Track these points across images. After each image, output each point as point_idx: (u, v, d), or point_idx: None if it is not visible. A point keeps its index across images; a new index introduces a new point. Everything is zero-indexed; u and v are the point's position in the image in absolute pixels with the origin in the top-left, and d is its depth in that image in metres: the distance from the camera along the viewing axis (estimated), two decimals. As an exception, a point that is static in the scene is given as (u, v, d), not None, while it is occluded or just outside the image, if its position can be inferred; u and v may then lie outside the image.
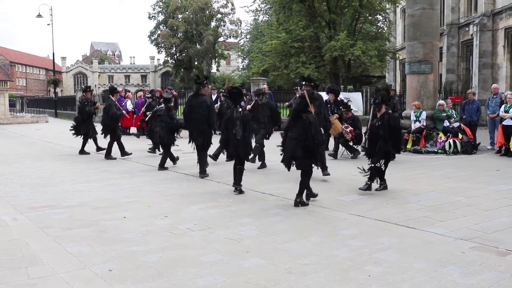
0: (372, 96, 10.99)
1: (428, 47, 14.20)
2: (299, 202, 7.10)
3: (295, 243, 5.32)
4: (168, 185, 9.03)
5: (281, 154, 7.27)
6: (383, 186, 8.03)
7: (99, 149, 13.73)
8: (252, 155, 9.99)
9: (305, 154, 6.94)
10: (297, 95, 12.56)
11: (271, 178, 9.48)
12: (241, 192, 8.05)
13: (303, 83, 8.88)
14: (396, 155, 10.88)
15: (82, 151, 13.74)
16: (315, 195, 7.35)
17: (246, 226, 6.02)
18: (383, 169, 8.02)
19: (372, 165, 7.95)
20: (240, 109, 8.11)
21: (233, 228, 5.95)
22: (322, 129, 7.03)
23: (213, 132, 9.72)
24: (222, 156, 11.33)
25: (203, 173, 9.49)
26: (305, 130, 6.84)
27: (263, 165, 10.49)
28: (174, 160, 11.22)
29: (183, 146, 12.36)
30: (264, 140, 10.56)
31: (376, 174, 7.99)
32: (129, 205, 7.30)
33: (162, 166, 10.72)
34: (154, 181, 9.48)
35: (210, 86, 12.00)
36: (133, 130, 19.29)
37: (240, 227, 6.00)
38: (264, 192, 8.14)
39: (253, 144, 9.41)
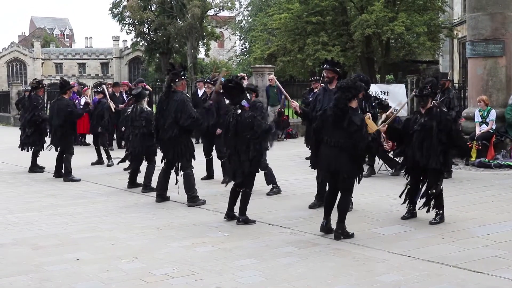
0: (418, 87, 10.98)
1: (498, 20, 14.18)
2: (340, 234, 7.15)
3: (314, 294, 5.31)
4: (139, 214, 9.03)
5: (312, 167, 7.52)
6: (440, 216, 7.97)
7: (34, 167, 13.74)
8: (272, 186, 10.22)
9: (352, 166, 7.12)
10: (315, 90, 12.60)
11: (279, 204, 9.46)
12: (247, 222, 8.07)
13: (324, 66, 8.91)
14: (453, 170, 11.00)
15: (33, 167, 13.79)
16: (350, 235, 7.31)
17: (246, 271, 6.02)
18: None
19: (430, 192, 7.95)
20: (240, 111, 8.10)
21: (228, 273, 5.94)
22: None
23: (196, 139, 9.69)
24: (217, 176, 11.40)
25: (192, 200, 9.46)
26: (351, 135, 7.00)
27: (273, 190, 10.41)
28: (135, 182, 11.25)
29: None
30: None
31: (435, 199, 7.99)
32: (84, 243, 7.29)
33: (147, 187, 10.76)
34: (119, 208, 9.49)
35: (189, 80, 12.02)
36: (90, 138, 19.27)
37: (238, 271, 5.99)
38: (271, 223, 8.13)
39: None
